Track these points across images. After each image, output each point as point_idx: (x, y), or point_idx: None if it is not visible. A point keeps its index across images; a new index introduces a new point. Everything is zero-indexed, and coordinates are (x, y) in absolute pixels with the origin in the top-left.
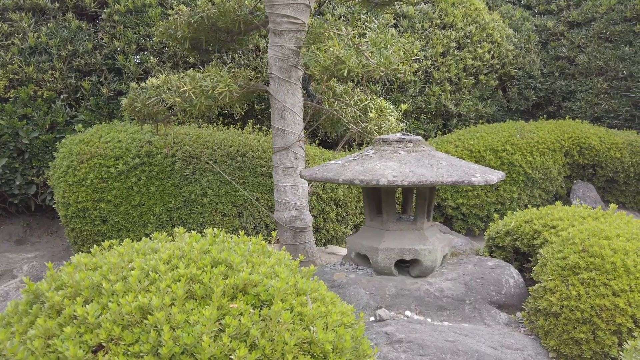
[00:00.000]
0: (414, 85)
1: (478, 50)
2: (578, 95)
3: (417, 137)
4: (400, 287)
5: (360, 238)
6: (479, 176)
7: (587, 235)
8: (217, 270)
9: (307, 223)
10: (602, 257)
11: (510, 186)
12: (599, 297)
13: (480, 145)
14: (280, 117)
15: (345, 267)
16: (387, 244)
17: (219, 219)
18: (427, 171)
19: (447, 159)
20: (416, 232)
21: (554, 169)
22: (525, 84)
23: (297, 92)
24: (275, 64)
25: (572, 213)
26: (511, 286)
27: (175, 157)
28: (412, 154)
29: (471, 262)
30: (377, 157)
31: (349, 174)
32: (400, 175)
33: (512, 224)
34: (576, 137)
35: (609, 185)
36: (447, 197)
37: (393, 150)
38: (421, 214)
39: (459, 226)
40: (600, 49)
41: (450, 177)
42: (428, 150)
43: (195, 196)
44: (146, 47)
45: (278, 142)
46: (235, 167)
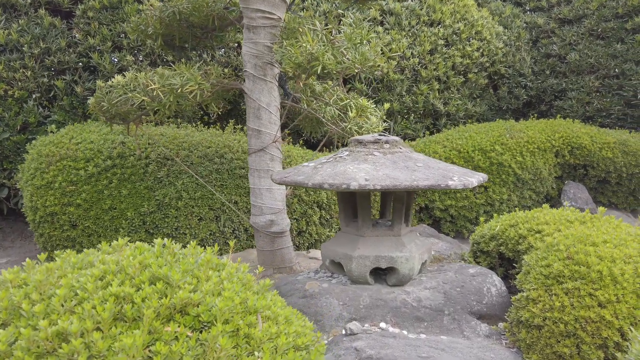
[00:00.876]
0: (401, 83)
1: (467, 48)
2: (569, 94)
3: (394, 137)
4: (375, 297)
5: (335, 245)
6: (457, 179)
7: (573, 241)
8: (150, 289)
9: (285, 228)
10: (587, 265)
11: (499, 187)
12: (584, 309)
13: (468, 145)
14: (255, 116)
15: (319, 276)
16: (361, 251)
17: (195, 223)
18: (402, 174)
19: (424, 161)
20: (393, 239)
21: (544, 169)
22: (515, 82)
23: (273, 90)
24: (250, 61)
25: (559, 217)
26: (493, 295)
27: (149, 158)
28: (388, 155)
29: (452, 270)
30: (351, 159)
31: (319, 178)
32: (372, 178)
33: (497, 228)
34: (567, 137)
35: (600, 185)
36: (435, 199)
37: (368, 151)
38: (398, 219)
39: (448, 228)
40: (591, 46)
41: (426, 180)
42: (405, 152)
43: (169, 199)
44: (122, 45)
45: (253, 143)
46: (212, 169)
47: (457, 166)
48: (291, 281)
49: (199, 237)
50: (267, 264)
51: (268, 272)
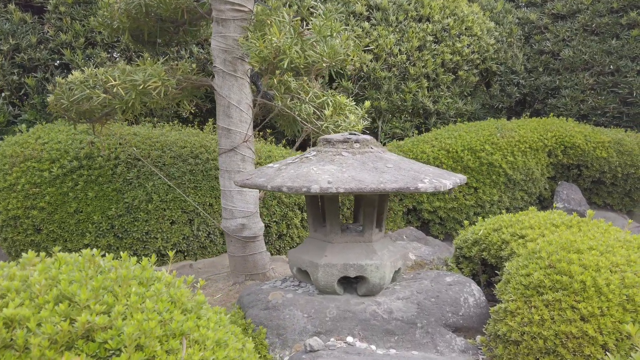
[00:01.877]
0: (389, 81)
1: (457, 45)
2: (563, 92)
3: (365, 136)
4: (343, 309)
5: (302, 252)
6: (428, 182)
7: (556, 247)
8: (48, 312)
9: (257, 232)
10: (570, 274)
11: (490, 188)
12: (565, 323)
13: (457, 144)
14: (225, 114)
15: (286, 285)
16: (329, 258)
17: (167, 227)
18: (369, 176)
19: (396, 162)
20: (363, 245)
21: (536, 169)
22: (507, 80)
23: (244, 87)
24: (219, 56)
25: (545, 220)
26: (471, 306)
27: (118, 159)
28: (357, 156)
29: (428, 278)
30: (317, 159)
31: (279, 180)
32: (336, 181)
33: (481, 233)
34: (560, 136)
35: (595, 186)
36: (422, 200)
37: (336, 151)
38: (369, 224)
39: (437, 230)
40: (585, 42)
41: (394, 183)
42: (376, 152)
43: (139, 202)
44: (96, 41)
45: (223, 142)
46: (186, 170)
47: (434, 167)
48: (254, 291)
49: (171, 241)
50: (238, 270)
51: (240, 279)
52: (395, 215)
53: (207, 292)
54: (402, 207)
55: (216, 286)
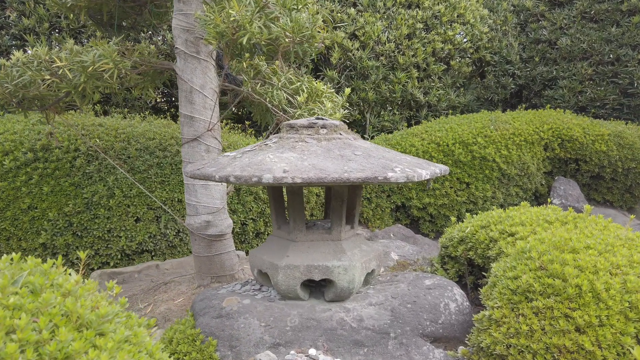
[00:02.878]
0: (377, 71)
1: (448, 33)
2: (560, 82)
3: (333, 121)
4: (307, 317)
5: (263, 252)
6: (399, 171)
7: (548, 246)
8: None
9: (225, 230)
10: (564, 277)
11: (483, 183)
12: (558, 334)
13: (449, 137)
14: (187, 101)
15: (245, 289)
16: (290, 259)
17: (131, 224)
18: (333, 165)
19: (366, 150)
20: (331, 244)
21: (532, 164)
22: (502, 70)
23: (208, 70)
24: (180, 36)
25: (537, 216)
26: (452, 313)
27: (78, 151)
28: (323, 142)
29: (405, 281)
30: (277, 146)
31: (229, 170)
32: (294, 170)
33: (467, 230)
34: (557, 128)
35: (594, 181)
36: (412, 197)
37: (299, 138)
38: (338, 220)
39: (427, 228)
40: (584, 30)
41: (361, 172)
42: (345, 138)
43: (99, 198)
44: (61, 27)
45: (186, 131)
46: (152, 163)
47: (413, 157)
48: (209, 296)
49: (135, 240)
50: (203, 272)
51: (205, 281)
52: (383, 213)
53: (169, 296)
54: (390, 203)
55: (179, 289)
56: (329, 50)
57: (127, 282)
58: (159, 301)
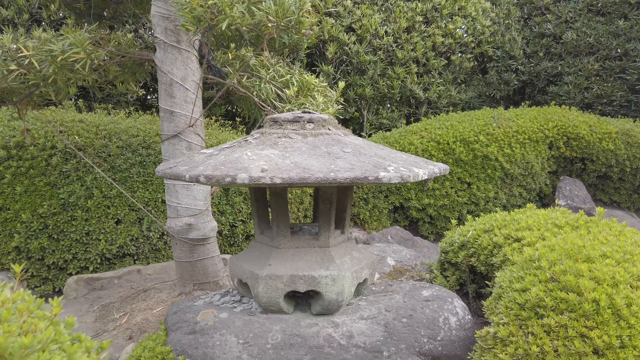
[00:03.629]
0: (374, 66)
1: (449, 26)
2: (566, 78)
3: (321, 115)
4: (291, 332)
5: (243, 259)
6: (393, 170)
7: (560, 254)
8: None
9: (208, 233)
10: (579, 290)
11: (484, 184)
12: (573, 357)
13: (449, 135)
14: (167, 94)
15: (224, 300)
16: (273, 268)
17: (112, 227)
18: (318, 163)
19: (356, 147)
20: (318, 251)
21: (536, 163)
22: (505, 65)
23: (189, 61)
24: (160, 24)
25: (545, 220)
26: (452, 328)
27: (55, 148)
28: (309, 138)
29: (401, 291)
30: (257, 143)
31: (201, 168)
32: (273, 168)
33: (469, 234)
34: (562, 126)
35: (601, 181)
36: (410, 197)
37: (283, 133)
38: (326, 225)
39: (427, 230)
40: (590, 23)
41: (349, 171)
42: (334, 134)
43: (76, 198)
44: (42, 18)
45: (166, 127)
46: (135, 162)
47: (409, 155)
48: (183, 308)
49: (116, 243)
50: (185, 278)
51: (187, 288)
52: (381, 214)
53: (147, 305)
54: (388, 204)
55: (159, 297)
56: (324, 44)
57: (106, 288)
58: (136, 310)
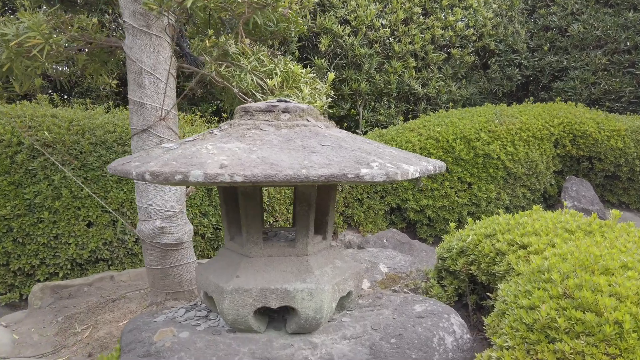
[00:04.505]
0: (370, 59)
1: (449, 18)
2: (572, 73)
3: (300, 105)
4: (261, 355)
5: (209, 269)
6: (377, 166)
7: (573, 265)
8: None
9: (182, 238)
10: (597, 309)
11: (486, 184)
12: None
13: (449, 132)
14: (136, 84)
15: (188, 316)
16: (241, 281)
17: (82, 229)
18: (289, 158)
19: (337, 140)
20: (294, 261)
21: (541, 162)
22: (508, 60)
23: (161, 48)
24: (128, 7)
25: (554, 224)
26: (448, 350)
27: (21, 145)
28: (283, 130)
29: (391, 305)
30: (222, 135)
31: (151, 164)
32: (234, 164)
33: (469, 239)
34: (568, 123)
35: (609, 182)
36: (408, 198)
37: (253, 124)
38: (303, 230)
39: (425, 233)
40: (598, 15)
41: (325, 167)
42: (313, 126)
43: (42, 199)
44: (15, 7)
45: (135, 120)
46: (109, 159)
47: (400, 150)
48: (141, 325)
49: (88, 247)
50: (157, 287)
51: (158, 298)
52: (376, 215)
53: (114, 317)
54: (384, 205)
55: (128, 308)
56: (317, 36)
57: (75, 296)
58: (101, 323)
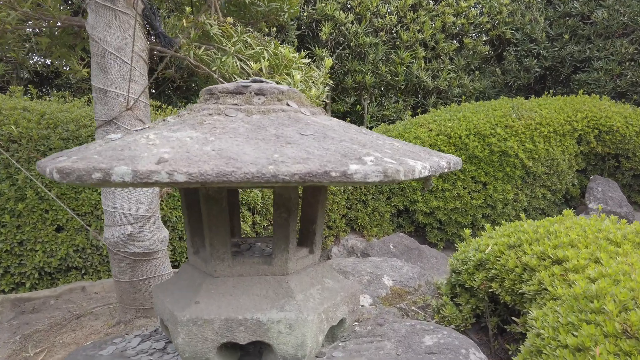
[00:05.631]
0: (375, 49)
1: (461, 4)
2: (595, 64)
3: (279, 86)
4: None
5: (167, 291)
6: (372, 162)
7: (631, 291)
8: None
9: (155, 246)
10: None
11: (502, 184)
12: None
13: (461, 128)
14: (100, 68)
15: (142, 348)
16: (200, 308)
17: (51, 234)
18: (255, 150)
19: (322, 129)
20: (270, 282)
21: (562, 160)
22: (525, 50)
23: (128, 27)
24: None
25: (593, 233)
26: None
27: None
28: (255, 116)
29: (394, 336)
30: (176, 122)
31: (61, 160)
32: (179, 158)
33: (489, 249)
34: (593, 117)
35: (637, 181)
36: (416, 199)
37: (217, 109)
38: (282, 243)
39: (435, 237)
40: (624, 0)
41: (302, 162)
42: (294, 111)
43: (4, 201)
44: None
45: (99, 110)
46: None
47: (403, 142)
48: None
49: (57, 255)
50: (127, 302)
51: (127, 316)
52: (382, 218)
53: (76, 337)
54: (391, 207)
55: (92, 327)
56: (318, 23)
57: (39, 310)
58: (58, 345)
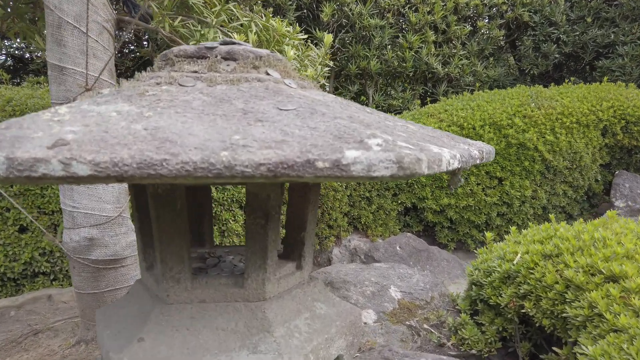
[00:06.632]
0: (382, 32)
1: None
2: (620, 49)
3: (256, 50)
4: None
5: (111, 319)
6: (378, 146)
7: None
8: None
9: (121, 252)
10: None
11: (520, 179)
12: None
13: (475, 118)
14: (55, 41)
15: None
16: (144, 348)
17: (13, 236)
18: (207, 131)
19: (308, 103)
20: (241, 310)
21: (586, 153)
22: (544, 34)
23: None
24: None
25: None
26: None
27: None
28: (220, 86)
29: None
30: (110, 93)
31: None
32: (87, 141)
33: (517, 259)
34: (620, 107)
35: None
36: (425, 196)
37: (169, 77)
38: (257, 258)
39: (446, 237)
40: None
41: (273, 148)
42: (274, 82)
43: None
44: None
45: (55, 91)
46: None
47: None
48: None
49: (21, 259)
50: (89, 317)
51: (89, 333)
52: (387, 217)
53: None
54: (397, 204)
55: (49, 346)
56: (319, 4)
57: None
58: None
